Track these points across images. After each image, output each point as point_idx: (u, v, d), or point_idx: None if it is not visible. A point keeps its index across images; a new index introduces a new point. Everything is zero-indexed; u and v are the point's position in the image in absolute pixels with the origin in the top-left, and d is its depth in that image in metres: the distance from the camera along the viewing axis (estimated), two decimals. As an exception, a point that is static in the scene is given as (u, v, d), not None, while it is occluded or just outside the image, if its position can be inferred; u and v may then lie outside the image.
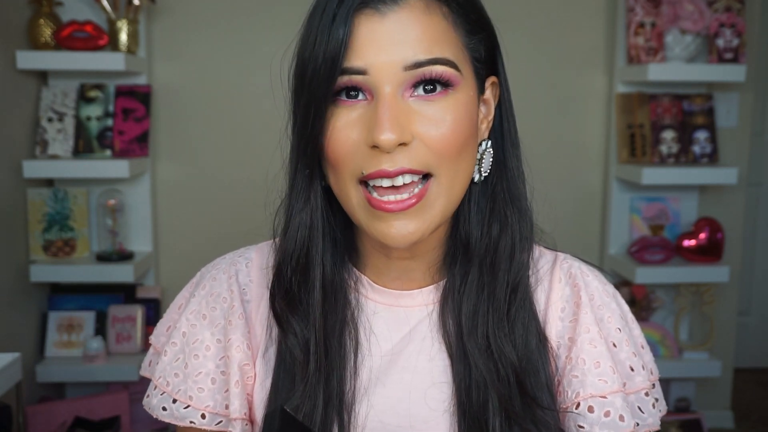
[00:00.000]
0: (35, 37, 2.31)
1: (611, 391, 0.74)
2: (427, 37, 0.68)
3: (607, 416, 0.74)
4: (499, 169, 0.77)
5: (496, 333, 0.75)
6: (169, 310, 0.86)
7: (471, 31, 0.72)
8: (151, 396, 0.80)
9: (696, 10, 2.51)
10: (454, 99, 0.69)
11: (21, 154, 2.32)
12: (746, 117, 2.76)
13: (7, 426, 1.77)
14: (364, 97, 0.69)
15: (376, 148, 0.67)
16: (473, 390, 0.74)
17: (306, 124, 0.70)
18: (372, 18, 0.67)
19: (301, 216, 0.74)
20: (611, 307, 0.80)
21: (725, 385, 2.94)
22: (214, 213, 2.62)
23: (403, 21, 0.67)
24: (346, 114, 0.69)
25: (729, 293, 2.86)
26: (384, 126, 0.66)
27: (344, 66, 0.67)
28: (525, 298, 0.77)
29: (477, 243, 0.76)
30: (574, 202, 2.77)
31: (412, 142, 0.68)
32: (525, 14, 2.64)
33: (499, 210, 0.76)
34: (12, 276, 2.28)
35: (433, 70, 0.68)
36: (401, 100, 0.68)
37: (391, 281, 0.79)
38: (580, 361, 0.76)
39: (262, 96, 2.53)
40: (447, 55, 0.69)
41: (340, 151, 0.69)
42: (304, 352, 0.75)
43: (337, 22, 0.67)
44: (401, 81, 0.68)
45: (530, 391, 0.74)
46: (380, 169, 0.68)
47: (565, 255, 0.83)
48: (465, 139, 0.70)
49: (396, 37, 0.67)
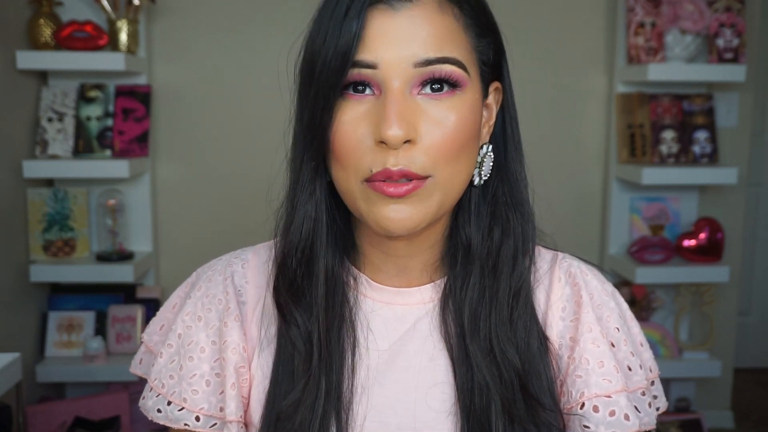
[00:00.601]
0: (35, 37, 2.31)
1: (615, 391, 0.75)
2: (439, 35, 0.68)
3: (612, 416, 0.74)
4: (500, 173, 0.77)
5: (499, 336, 0.75)
6: (162, 309, 0.86)
7: (480, 34, 0.73)
8: (147, 398, 0.81)
9: (696, 10, 2.51)
10: (460, 100, 0.70)
11: (21, 154, 2.32)
12: (746, 117, 2.76)
13: (7, 426, 1.77)
14: (372, 93, 0.69)
15: (382, 143, 0.67)
16: (476, 392, 0.74)
17: (314, 117, 0.70)
18: (385, 13, 0.68)
19: (306, 208, 0.74)
20: (610, 305, 0.80)
21: (725, 385, 2.94)
22: (214, 213, 2.62)
23: (415, 18, 0.68)
24: (353, 108, 0.69)
25: (729, 293, 2.86)
26: (392, 121, 0.66)
27: (355, 59, 0.68)
28: (527, 302, 0.77)
29: (478, 246, 0.76)
30: (574, 202, 2.77)
31: (415, 145, 0.68)
32: (525, 15, 2.64)
33: (501, 214, 0.77)
34: (12, 276, 2.28)
35: (443, 69, 0.68)
36: (409, 97, 0.68)
37: (389, 279, 0.79)
38: (584, 360, 0.76)
39: (262, 96, 2.53)
40: (456, 55, 0.69)
41: (346, 145, 0.69)
42: (307, 343, 0.75)
43: (350, 15, 0.67)
44: (410, 77, 0.68)
45: (533, 393, 0.74)
46: (385, 169, 0.68)
47: (563, 254, 0.84)
48: (466, 140, 0.71)
49: (407, 33, 0.68)
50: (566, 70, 2.70)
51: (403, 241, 0.76)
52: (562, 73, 2.70)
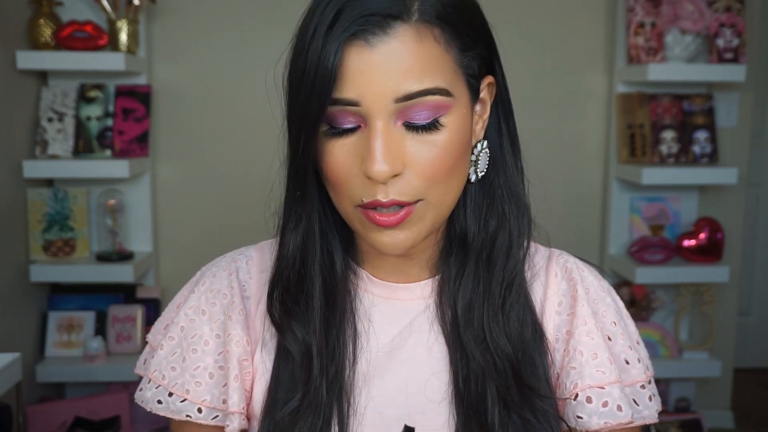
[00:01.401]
0: (35, 37, 2.31)
1: (609, 382, 0.76)
2: (418, 66, 0.67)
3: (605, 406, 0.75)
4: (496, 165, 0.78)
5: (491, 326, 0.76)
6: (167, 309, 0.86)
7: (464, 48, 0.71)
8: (145, 389, 0.81)
9: (696, 10, 2.51)
10: (445, 122, 0.69)
11: (21, 154, 2.32)
12: (746, 117, 2.76)
13: (7, 426, 1.77)
14: (357, 125, 0.69)
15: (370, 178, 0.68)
16: (471, 379, 0.75)
17: (297, 150, 0.70)
18: (362, 49, 0.66)
19: (294, 236, 0.75)
20: (606, 301, 0.81)
21: (725, 385, 2.94)
22: (214, 213, 2.62)
23: (393, 52, 0.66)
24: (341, 141, 0.69)
25: (729, 293, 2.86)
26: (376, 158, 0.66)
27: (336, 97, 0.67)
28: (520, 292, 0.78)
29: (474, 237, 0.77)
30: (574, 202, 2.77)
31: (404, 173, 0.69)
32: (525, 14, 2.64)
33: (497, 206, 0.77)
34: (12, 276, 2.28)
35: (425, 102, 0.67)
36: (393, 129, 0.68)
37: (388, 275, 0.80)
38: (578, 353, 0.77)
39: (262, 96, 2.52)
40: (439, 82, 0.68)
41: (338, 176, 0.70)
42: (306, 357, 0.76)
43: (327, 51, 0.66)
44: (392, 111, 0.67)
45: (527, 381, 0.75)
46: (375, 200, 0.69)
47: (560, 251, 0.85)
48: (455, 161, 0.71)
49: (386, 68, 0.66)
50: (566, 70, 2.70)
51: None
52: (562, 73, 2.70)
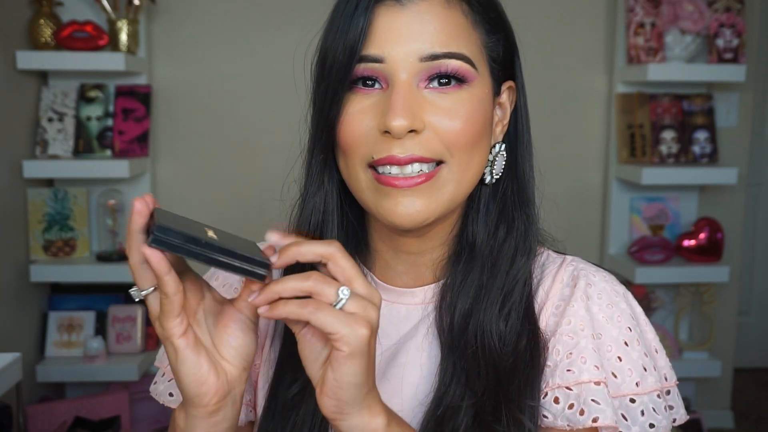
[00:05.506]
0: (35, 37, 2.31)
1: (577, 382, 0.72)
2: (445, 31, 0.69)
3: (570, 408, 0.71)
4: (510, 172, 0.78)
5: (485, 334, 0.74)
6: None
7: (490, 31, 0.74)
8: (159, 382, 0.82)
9: (696, 10, 2.51)
10: (468, 93, 0.71)
11: (21, 154, 2.32)
12: (746, 117, 2.77)
13: (7, 426, 1.77)
14: (380, 86, 0.70)
15: (387, 133, 0.69)
16: (452, 386, 0.73)
17: (323, 110, 0.72)
18: (392, 9, 0.69)
19: (314, 200, 0.76)
20: (621, 306, 0.77)
21: (725, 385, 2.94)
22: (214, 213, 2.62)
23: (422, 13, 0.69)
24: (361, 101, 0.71)
25: (729, 293, 2.86)
26: (397, 111, 0.67)
27: (362, 54, 0.69)
28: (520, 301, 0.76)
29: (483, 244, 0.77)
30: (574, 202, 2.77)
31: (424, 131, 0.69)
32: (525, 14, 2.63)
33: (508, 213, 0.77)
34: (12, 276, 2.28)
35: (449, 64, 0.69)
36: (415, 90, 0.69)
37: (397, 276, 0.80)
38: (555, 351, 0.74)
39: (262, 96, 2.53)
40: (463, 51, 0.70)
41: (351, 135, 0.71)
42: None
43: (358, 11, 0.69)
44: (417, 71, 0.69)
45: (510, 393, 0.72)
46: (390, 155, 0.69)
47: (573, 258, 0.82)
48: (478, 133, 0.71)
49: (414, 28, 0.69)
50: (566, 70, 2.70)
51: (413, 238, 0.77)
52: (562, 73, 2.70)
